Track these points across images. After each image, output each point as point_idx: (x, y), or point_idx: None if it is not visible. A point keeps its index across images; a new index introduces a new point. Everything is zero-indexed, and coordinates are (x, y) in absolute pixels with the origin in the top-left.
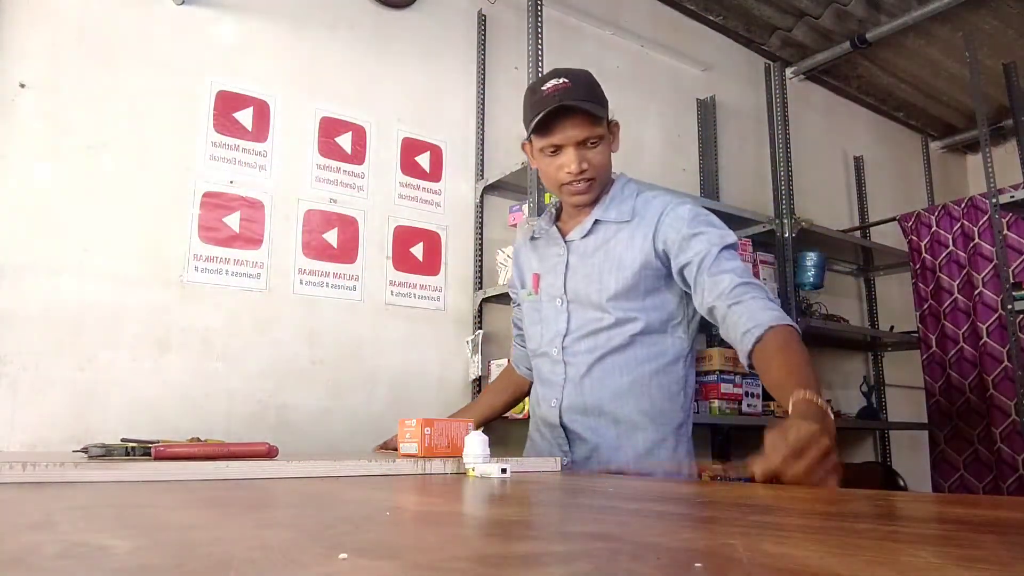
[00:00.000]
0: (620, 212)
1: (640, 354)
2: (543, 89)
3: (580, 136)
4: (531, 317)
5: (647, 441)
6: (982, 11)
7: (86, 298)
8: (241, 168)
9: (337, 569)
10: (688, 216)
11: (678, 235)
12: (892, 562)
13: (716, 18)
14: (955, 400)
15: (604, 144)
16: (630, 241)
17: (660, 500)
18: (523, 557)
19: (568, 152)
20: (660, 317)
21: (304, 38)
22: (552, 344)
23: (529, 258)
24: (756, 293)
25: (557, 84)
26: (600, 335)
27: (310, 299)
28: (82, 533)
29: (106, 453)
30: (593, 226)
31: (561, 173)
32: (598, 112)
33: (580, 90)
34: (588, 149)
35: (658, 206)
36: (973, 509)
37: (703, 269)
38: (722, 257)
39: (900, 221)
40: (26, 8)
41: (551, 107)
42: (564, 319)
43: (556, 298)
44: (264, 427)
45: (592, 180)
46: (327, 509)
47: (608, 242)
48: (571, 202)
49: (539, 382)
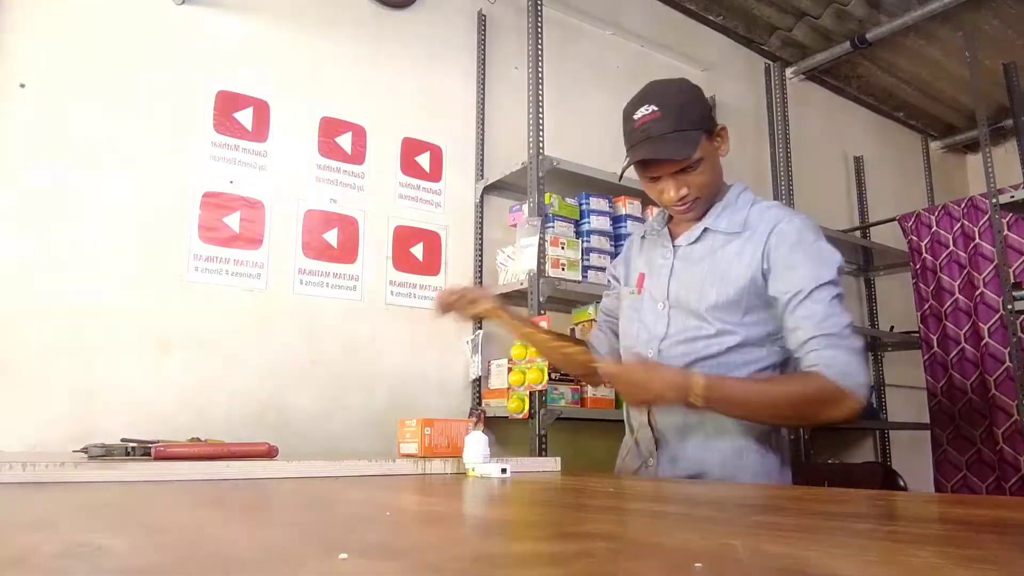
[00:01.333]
0: (731, 223)
1: (733, 361)
2: (635, 118)
3: (673, 170)
4: (629, 315)
5: (735, 446)
6: (982, 11)
7: (86, 298)
8: (241, 168)
9: (337, 569)
10: (793, 239)
11: (779, 257)
12: (892, 562)
13: (716, 18)
14: (957, 400)
15: (705, 164)
16: (738, 256)
17: (660, 500)
18: (523, 557)
19: (666, 181)
20: (760, 332)
21: (304, 38)
22: (648, 346)
23: (637, 256)
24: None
25: (646, 114)
26: (698, 342)
27: (310, 299)
28: (82, 533)
29: (106, 453)
30: (702, 234)
31: (664, 198)
32: (686, 151)
33: (669, 119)
34: (688, 174)
35: (770, 220)
36: (973, 509)
37: (788, 310)
38: (809, 299)
39: (900, 221)
40: (26, 8)
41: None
42: (664, 323)
43: (658, 301)
44: (264, 427)
45: (697, 199)
46: (327, 509)
47: (715, 252)
48: (681, 218)
49: None
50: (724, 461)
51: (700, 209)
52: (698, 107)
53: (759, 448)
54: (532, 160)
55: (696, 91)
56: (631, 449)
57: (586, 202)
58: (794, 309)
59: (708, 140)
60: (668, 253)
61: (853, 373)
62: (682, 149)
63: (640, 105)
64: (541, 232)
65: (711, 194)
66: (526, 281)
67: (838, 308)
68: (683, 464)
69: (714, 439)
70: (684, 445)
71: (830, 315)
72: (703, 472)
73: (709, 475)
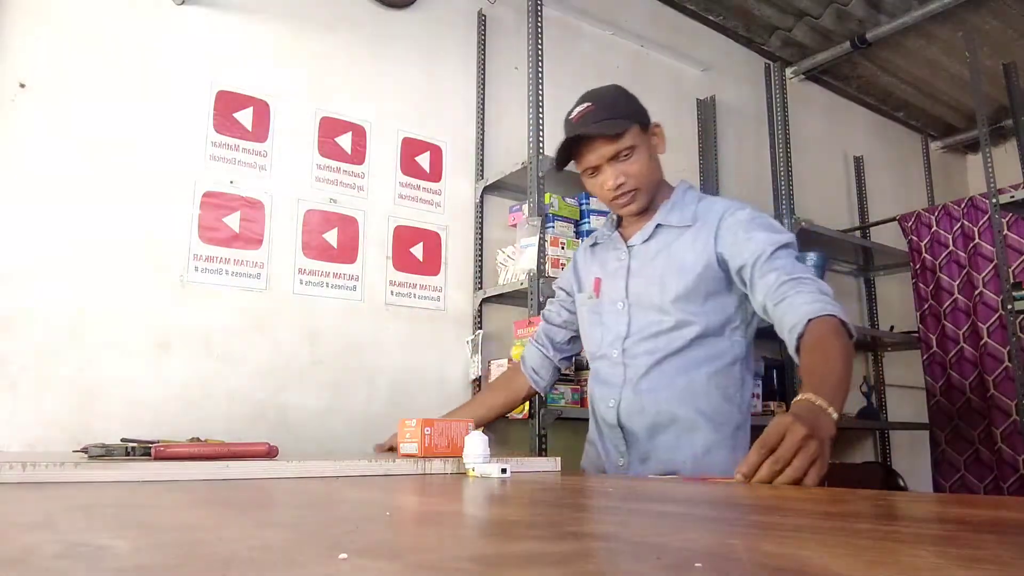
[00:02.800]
0: (682, 217)
1: (698, 356)
2: (571, 117)
3: (608, 154)
4: (590, 320)
5: (705, 442)
6: (982, 11)
7: (86, 298)
8: (241, 168)
9: (337, 569)
10: (746, 219)
11: (735, 238)
12: (892, 562)
13: (716, 18)
14: (956, 400)
15: (638, 153)
16: (692, 245)
17: (660, 500)
18: (523, 557)
19: (604, 170)
20: (719, 320)
21: (304, 38)
22: (612, 346)
23: (589, 264)
24: (801, 287)
25: (582, 110)
26: (660, 338)
27: (310, 299)
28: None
29: (106, 453)
30: (655, 231)
31: (603, 191)
32: (615, 129)
33: (601, 110)
34: (622, 162)
35: (718, 210)
36: (973, 509)
37: (756, 268)
38: (775, 256)
39: (900, 221)
40: (26, 8)
41: (569, 137)
42: (625, 322)
43: (617, 302)
44: (264, 427)
45: (635, 190)
46: (327, 509)
47: (670, 246)
48: (622, 213)
49: (597, 383)
50: (695, 458)
51: (641, 202)
52: (628, 102)
53: (729, 445)
54: (532, 160)
55: (628, 93)
56: (599, 448)
57: (586, 202)
58: (761, 267)
59: (642, 134)
60: (622, 254)
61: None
62: (610, 128)
63: (576, 106)
64: (541, 232)
65: (649, 186)
66: (526, 281)
67: (802, 265)
68: (653, 464)
69: (685, 437)
70: (654, 444)
71: (796, 267)
72: (675, 470)
73: (680, 473)
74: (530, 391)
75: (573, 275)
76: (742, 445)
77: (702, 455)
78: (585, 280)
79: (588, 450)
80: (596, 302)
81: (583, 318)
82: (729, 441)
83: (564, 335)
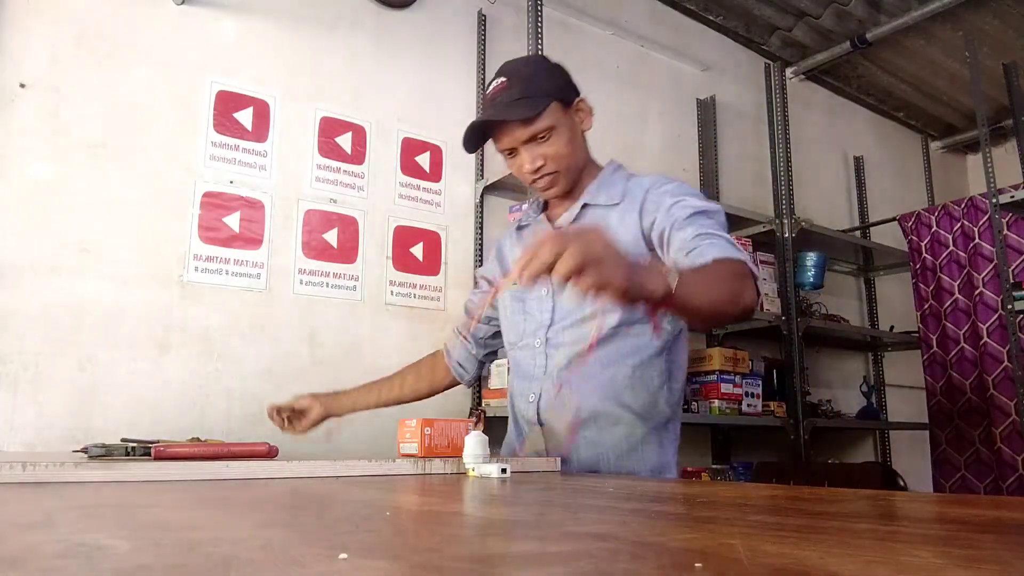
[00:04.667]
0: (610, 195)
1: (623, 347)
2: (486, 94)
3: (523, 137)
4: (513, 307)
5: (631, 438)
6: (982, 11)
7: (86, 298)
8: (241, 168)
9: (337, 569)
10: (672, 190)
11: (657, 207)
12: (892, 562)
13: (716, 18)
14: (956, 400)
15: (558, 133)
16: (620, 224)
17: (660, 500)
18: (523, 557)
19: (521, 153)
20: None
21: (304, 38)
22: (535, 335)
23: (515, 248)
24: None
25: (495, 87)
26: (584, 326)
27: (310, 299)
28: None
29: (106, 453)
30: (582, 210)
31: (523, 173)
32: (524, 112)
33: (515, 88)
34: (540, 144)
35: (645, 184)
36: (973, 509)
37: (673, 229)
38: (692, 219)
39: (900, 221)
40: (26, 8)
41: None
42: (549, 309)
43: (542, 288)
44: (264, 427)
45: (555, 173)
46: (327, 509)
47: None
48: (544, 196)
49: (517, 376)
50: (619, 455)
51: (563, 184)
52: (549, 77)
53: (656, 440)
54: None
55: (551, 65)
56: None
57: None
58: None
59: (563, 111)
60: None
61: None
62: (522, 112)
63: (493, 80)
64: None
65: (571, 167)
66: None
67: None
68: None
69: (607, 432)
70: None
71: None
72: (597, 468)
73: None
74: (452, 383)
75: (497, 263)
76: (671, 440)
77: (627, 452)
78: (508, 264)
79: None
80: (519, 289)
81: (505, 306)
82: (655, 436)
83: (487, 330)
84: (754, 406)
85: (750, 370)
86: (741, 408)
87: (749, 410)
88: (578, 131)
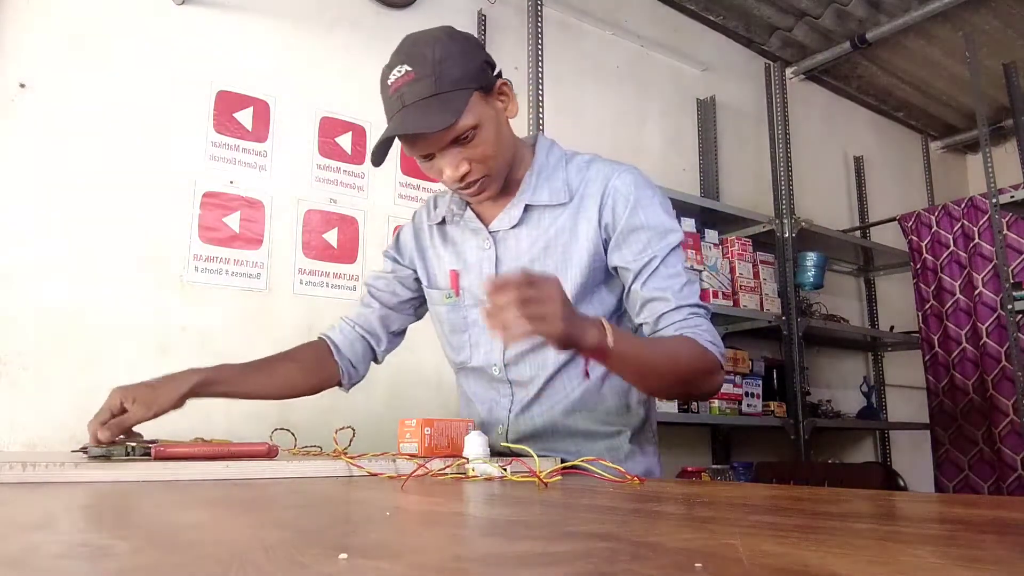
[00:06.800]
0: (553, 191)
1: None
2: (388, 84)
3: (440, 143)
4: (451, 324)
5: (612, 449)
6: (982, 11)
7: (86, 298)
8: (241, 168)
9: (337, 569)
10: (632, 197)
11: (617, 221)
12: (892, 562)
13: (716, 18)
14: (958, 400)
15: (483, 130)
16: (573, 231)
17: (660, 500)
18: (523, 557)
19: (440, 158)
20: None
21: (304, 38)
22: (488, 359)
23: (439, 248)
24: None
25: (399, 77)
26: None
27: (310, 299)
28: (82, 533)
29: (106, 453)
30: (525, 213)
31: (444, 179)
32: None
33: (424, 81)
34: (462, 146)
35: (598, 181)
36: (973, 509)
37: (640, 279)
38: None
39: (900, 221)
40: (26, 8)
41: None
42: None
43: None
44: (264, 427)
45: (484, 177)
46: (327, 509)
47: (547, 232)
48: (472, 202)
49: (475, 400)
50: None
51: (494, 188)
52: (463, 60)
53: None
54: None
55: (460, 41)
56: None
57: None
58: (647, 279)
59: (485, 100)
60: (485, 243)
61: (719, 344)
62: (441, 118)
63: (394, 67)
64: None
65: (500, 167)
66: None
67: (688, 274)
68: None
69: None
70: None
71: (686, 283)
72: None
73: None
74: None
75: (417, 254)
76: (649, 443)
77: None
78: (436, 268)
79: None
80: (456, 302)
81: (440, 318)
82: (634, 443)
83: (400, 323)
84: (754, 406)
85: (750, 370)
86: (741, 408)
87: (749, 410)
88: (504, 120)
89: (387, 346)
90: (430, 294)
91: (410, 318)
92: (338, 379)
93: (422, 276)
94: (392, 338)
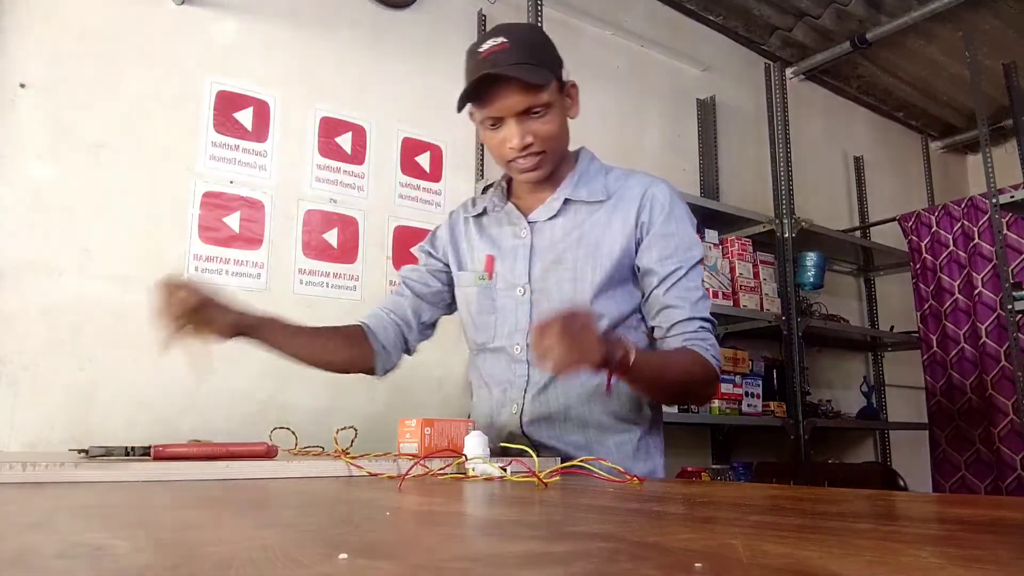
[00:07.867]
0: (592, 191)
1: None
2: (480, 51)
3: (519, 106)
4: (480, 305)
5: (621, 444)
6: (982, 11)
7: (86, 298)
8: (241, 168)
9: (337, 569)
10: (667, 207)
11: (653, 224)
12: (892, 562)
13: (716, 18)
14: (956, 400)
15: (553, 112)
16: (607, 226)
17: (660, 500)
18: (523, 557)
19: (510, 125)
20: (626, 310)
21: (304, 38)
22: (511, 339)
23: (474, 237)
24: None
25: (494, 45)
26: None
27: (310, 299)
28: (82, 533)
29: (106, 453)
30: (563, 206)
31: (504, 148)
32: (537, 78)
33: (519, 51)
34: (533, 119)
35: (637, 187)
36: (973, 509)
37: (663, 285)
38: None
39: (900, 221)
40: (26, 8)
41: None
42: (526, 312)
43: (517, 287)
44: (264, 427)
45: (542, 154)
46: (327, 509)
47: (582, 226)
48: (522, 179)
49: (491, 383)
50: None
51: (546, 169)
52: (551, 50)
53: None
54: None
55: (547, 36)
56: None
57: None
58: (670, 287)
59: (559, 89)
60: (522, 231)
61: (719, 357)
62: (533, 74)
63: (487, 40)
64: None
65: (557, 151)
66: None
67: (704, 290)
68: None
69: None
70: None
71: (701, 297)
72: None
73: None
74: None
75: (450, 246)
76: (658, 443)
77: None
78: (468, 256)
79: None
80: (489, 284)
81: (469, 301)
82: (645, 441)
83: (431, 314)
84: (754, 406)
85: (750, 370)
86: (741, 408)
87: (749, 410)
88: (567, 117)
89: (418, 336)
90: (460, 277)
91: (441, 311)
92: (371, 363)
93: (452, 264)
94: (423, 329)
